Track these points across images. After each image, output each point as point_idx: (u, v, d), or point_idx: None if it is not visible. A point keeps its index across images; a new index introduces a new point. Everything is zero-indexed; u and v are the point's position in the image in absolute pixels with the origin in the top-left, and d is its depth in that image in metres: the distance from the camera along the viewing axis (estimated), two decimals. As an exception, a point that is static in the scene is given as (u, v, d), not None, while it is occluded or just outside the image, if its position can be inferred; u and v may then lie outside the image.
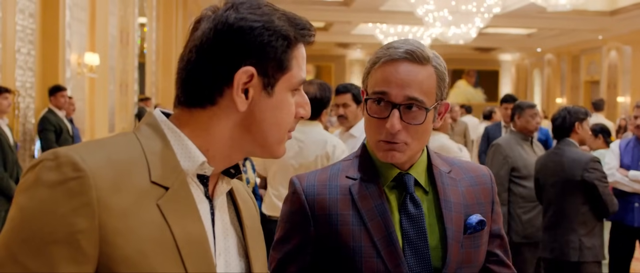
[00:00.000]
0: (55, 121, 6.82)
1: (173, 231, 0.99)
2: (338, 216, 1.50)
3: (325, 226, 1.50)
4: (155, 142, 1.05)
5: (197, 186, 1.08)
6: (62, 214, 0.92)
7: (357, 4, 16.64)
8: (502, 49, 26.66)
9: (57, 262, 0.91)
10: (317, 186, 1.53)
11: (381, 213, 1.49)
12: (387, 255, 1.47)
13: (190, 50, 1.07)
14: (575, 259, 4.04)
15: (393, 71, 1.48)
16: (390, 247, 1.47)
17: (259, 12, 1.06)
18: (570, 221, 4.09)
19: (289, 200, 1.56)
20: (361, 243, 1.48)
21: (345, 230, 1.49)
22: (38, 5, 7.30)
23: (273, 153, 1.12)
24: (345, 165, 1.59)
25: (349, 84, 4.39)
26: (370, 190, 1.52)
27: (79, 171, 0.93)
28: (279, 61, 1.07)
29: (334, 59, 27.12)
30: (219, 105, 1.07)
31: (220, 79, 1.05)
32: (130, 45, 11.22)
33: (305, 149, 3.79)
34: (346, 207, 1.50)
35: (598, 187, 4.02)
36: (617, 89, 19.62)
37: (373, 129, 1.52)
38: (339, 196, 1.52)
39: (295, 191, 1.54)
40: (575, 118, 4.18)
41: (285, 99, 1.10)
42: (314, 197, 1.52)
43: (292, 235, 1.53)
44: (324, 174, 1.57)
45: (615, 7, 17.19)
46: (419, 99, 1.47)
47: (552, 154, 4.30)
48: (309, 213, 1.51)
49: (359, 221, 1.49)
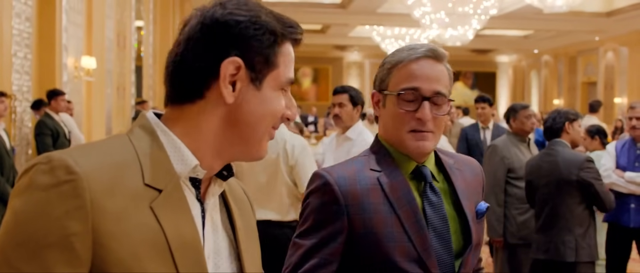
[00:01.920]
0: (51, 125, 6.81)
1: (166, 233, 1.00)
2: (370, 205, 1.62)
3: (357, 215, 1.61)
4: (148, 145, 1.05)
5: (189, 189, 1.08)
6: (56, 217, 0.92)
7: (354, 6, 16.66)
8: (499, 50, 26.70)
9: (51, 265, 0.92)
10: (348, 178, 1.64)
11: (409, 201, 1.63)
12: (417, 240, 1.61)
13: (178, 45, 1.08)
14: (571, 259, 4.05)
15: (419, 68, 1.66)
16: (419, 232, 1.61)
17: (245, 8, 1.08)
18: (565, 222, 4.09)
19: (319, 192, 1.64)
20: (393, 230, 1.61)
21: (378, 217, 1.61)
22: (34, 9, 7.30)
23: (256, 151, 1.12)
24: (365, 159, 1.71)
25: (347, 86, 4.44)
26: (397, 180, 1.65)
27: (72, 174, 0.94)
28: (265, 56, 1.08)
29: (332, 62, 27.13)
30: (208, 99, 1.07)
31: (207, 71, 1.06)
32: (127, 48, 11.22)
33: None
34: (377, 196, 1.63)
35: (595, 186, 4.04)
36: (614, 90, 19.67)
37: (404, 121, 1.66)
38: (369, 187, 1.64)
39: (327, 183, 1.63)
40: (564, 117, 4.20)
41: (273, 95, 1.10)
42: (347, 188, 1.62)
43: (325, 224, 1.62)
44: (348, 167, 1.68)
45: (611, 8, 17.23)
46: (443, 92, 1.66)
47: (544, 155, 4.31)
48: (343, 203, 1.61)
49: (389, 209, 1.62)
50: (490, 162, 4.95)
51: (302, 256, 1.62)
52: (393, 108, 1.68)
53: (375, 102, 1.75)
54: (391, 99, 1.69)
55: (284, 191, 3.87)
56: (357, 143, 4.27)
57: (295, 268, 1.62)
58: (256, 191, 3.85)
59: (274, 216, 3.86)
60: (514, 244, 4.91)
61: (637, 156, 4.87)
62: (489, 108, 7.23)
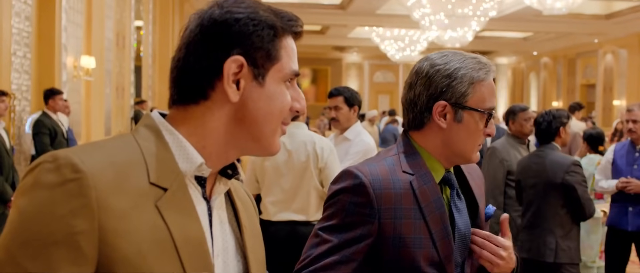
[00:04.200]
0: (49, 124, 6.80)
1: (172, 232, 1.00)
2: (402, 210, 1.62)
3: (389, 219, 1.61)
4: (153, 144, 1.06)
5: (195, 187, 1.09)
6: (62, 215, 0.92)
7: (353, 7, 16.67)
8: (499, 52, 26.72)
9: (56, 264, 0.91)
10: (382, 181, 1.63)
11: (438, 207, 1.64)
12: (441, 246, 1.62)
13: (180, 49, 1.09)
14: (550, 260, 4.08)
15: (492, 86, 1.71)
16: (445, 238, 1.63)
17: (243, 6, 1.08)
18: (548, 223, 4.13)
19: (352, 191, 1.61)
20: (420, 235, 1.62)
21: (407, 222, 1.62)
22: (34, 8, 7.30)
23: (268, 147, 1.12)
24: (395, 159, 1.70)
25: (341, 88, 4.46)
26: (428, 186, 1.66)
27: (78, 172, 0.94)
28: (266, 50, 1.08)
29: (331, 63, 27.14)
30: (212, 99, 1.08)
31: (210, 71, 1.06)
32: (126, 48, 11.22)
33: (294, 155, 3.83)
34: (409, 202, 1.63)
35: (577, 190, 4.05)
36: (613, 93, 19.69)
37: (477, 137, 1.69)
38: (402, 191, 1.63)
39: (362, 184, 1.61)
40: (559, 122, 4.22)
41: (278, 89, 1.11)
42: (381, 191, 1.61)
43: (356, 225, 1.61)
44: (382, 168, 1.66)
45: (610, 11, 17.25)
46: None
47: (534, 156, 4.34)
48: (376, 206, 1.60)
49: (419, 215, 1.63)
50: (490, 164, 4.96)
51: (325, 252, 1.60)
52: (475, 125, 1.67)
53: (441, 113, 1.67)
54: (473, 115, 1.66)
55: (312, 193, 3.86)
56: (355, 143, 4.29)
57: (315, 260, 1.61)
58: (281, 193, 3.86)
59: (299, 217, 3.86)
60: (513, 246, 4.92)
61: (636, 158, 4.88)
62: (488, 110, 7.24)
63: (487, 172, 5.01)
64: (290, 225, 3.84)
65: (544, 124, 4.25)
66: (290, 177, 3.86)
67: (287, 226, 3.84)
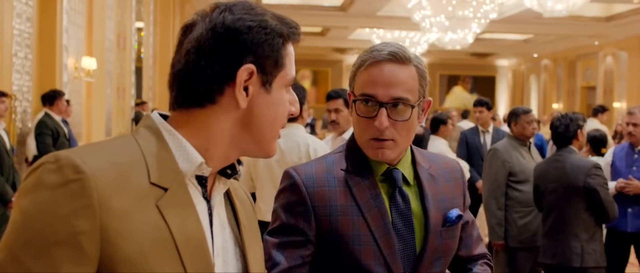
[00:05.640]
0: (52, 124, 6.82)
1: (172, 231, 1.01)
2: (338, 207, 1.61)
3: (324, 216, 1.60)
4: (153, 144, 1.07)
5: (195, 187, 1.10)
6: (64, 215, 0.93)
7: (354, 9, 16.66)
8: (499, 54, 26.71)
9: (58, 263, 0.92)
10: (316, 179, 1.63)
11: (377, 204, 1.61)
12: (383, 243, 1.59)
13: (187, 52, 1.08)
14: (577, 265, 4.06)
15: (379, 73, 1.59)
16: (386, 235, 1.60)
17: (253, 13, 1.09)
18: (572, 227, 4.10)
19: (287, 191, 1.64)
20: (360, 232, 1.60)
21: (345, 219, 1.60)
22: (35, 9, 7.30)
23: (268, 150, 1.15)
24: (337, 158, 1.69)
25: (340, 90, 4.42)
26: (366, 183, 1.63)
27: (80, 173, 0.94)
28: (275, 59, 1.10)
29: (331, 64, 27.14)
30: (220, 104, 1.09)
31: (221, 77, 1.08)
32: (127, 49, 11.23)
33: (287, 155, 3.80)
34: (345, 198, 1.61)
35: (600, 193, 4.03)
36: (613, 95, 19.67)
37: (362, 128, 1.63)
38: (337, 188, 1.62)
39: (295, 183, 1.62)
40: (576, 125, 4.20)
41: (281, 95, 1.13)
42: (314, 189, 1.61)
43: (293, 224, 1.61)
44: (319, 166, 1.66)
45: (611, 13, 17.24)
46: (403, 97, 1.59)
47: (552, 160, 4.31)
48: (309, 204, 1.60)
49: (357, 211, 1.61)
50: (491, 166, 4.97)
51: (269, 254, 1.59)
52: (354, 112, 1.64)
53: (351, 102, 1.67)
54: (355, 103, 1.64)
55: None
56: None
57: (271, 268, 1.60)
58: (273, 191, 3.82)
59: None
60: (514, 247, 4.93)
61: (635, 160, 4.89)
62: (487, 112, 7.24)
63: (488, 173, 5.02)
64: None
65: (561, 128, 4.22)
66: None
67: None
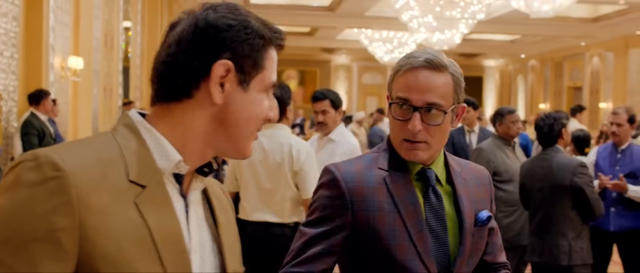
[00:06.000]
0: (38, 124, 6.80)
1: (150, 228, 1.02)
2: (375, 203, 1.68)
3: (362, 210, 1.68)
4: (132, 142, 1.08)
5: (172, 185, 1.11)
6: (42, 213, 0.94)
7: (342, 9, 16.68)
8: (486, 55, 26.81)
9: (37, 260, 0.93)
10: (355, 175, 1.71)
11: (412, 202, 1.69)
12: (417, 239, 1.66)
13: (169, 46, 1.11)
14: (565, 263, 4.08)
15: (414, 78, 1.68)
16: (421, 232, 1.67)
17: (236, 13, 1.12)
18: (559, 226, 4.12)
19: (327, 186, 1.72)
20: (395, 228, 1.67)
21: (381, 215, 1.68)
22: (22, 8, 7.27)
23: (243, 149, 1.16)
24: (374, 157, 1.77)
25: (325, 90, 4.42)
26: (402, 181, 1.71)
27: (58, 170, 0.96)
28: (254, 59, 1.12)
29: (319, 64, 27.13)
30: (196, 98, 1.10)
31: (198, 71, 1.09)
32: (114, 49, 11.18)
33: (270, 155, 3.80)
34: (382, 195, 1.69)
35: (586, 191, 4.05)
36: (600, 95, 19.80)
37: (397, 130, 1.72)
38: (375, 185, 1.70)
39: (335, 179, 1.70)
40: (560, 124, 4.22)
41: (259, 97, 1.15)
42: (353, 185, 1.69)
43: (330, 217, 1.69)
44: (358, 164, 1.75)
45: (597, 14, 17.36)
46: (437, 103, 1.68)
47: (539, 159, 4.33)
48: (348, 198, 1.68)
49: (393, 208, 1.68)
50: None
51: (304, 243, 1.69)
52: (390, 115, 1.74)
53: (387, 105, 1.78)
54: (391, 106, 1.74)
55: (286, 195, 3.79)
56: (341, 145, 4.28)
57: (297, 254, 1.70)
58: (258, 194, 3.81)
59: (274, 218, 3.80)
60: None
61: (618, 159, 4.94)
62: (473, 112, 7.27)
63: (472, 173, 5.05)
64: (265, 226, 3.78)
65: (545, 128, 4.24)
66: (265, 176, 3.81)
67: (262, 227, 3.79)
